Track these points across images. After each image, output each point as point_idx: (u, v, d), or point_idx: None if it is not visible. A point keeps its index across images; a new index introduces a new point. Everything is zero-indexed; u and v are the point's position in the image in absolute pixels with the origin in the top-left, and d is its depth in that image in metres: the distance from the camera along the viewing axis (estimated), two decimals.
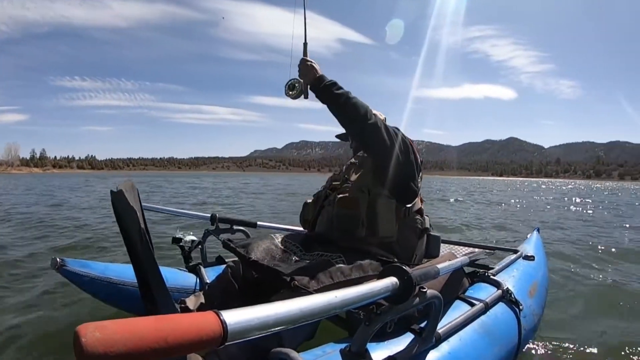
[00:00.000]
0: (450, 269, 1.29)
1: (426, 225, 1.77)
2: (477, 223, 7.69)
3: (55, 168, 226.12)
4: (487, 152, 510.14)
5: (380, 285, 0.88)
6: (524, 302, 1.74)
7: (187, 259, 2.12)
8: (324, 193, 1.83)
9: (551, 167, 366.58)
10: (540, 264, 2.34)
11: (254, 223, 2.36)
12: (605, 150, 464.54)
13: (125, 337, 0.43)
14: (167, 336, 0.45)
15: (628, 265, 3.96)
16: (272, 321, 0.58)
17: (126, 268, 1.85)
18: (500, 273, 1.95)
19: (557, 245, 5.11)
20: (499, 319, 1.57)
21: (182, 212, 2.36)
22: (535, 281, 2.07)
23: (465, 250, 2.34)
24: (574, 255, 4.42)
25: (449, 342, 1.28)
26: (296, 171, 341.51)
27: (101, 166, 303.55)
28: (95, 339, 0.41)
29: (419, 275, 0.97)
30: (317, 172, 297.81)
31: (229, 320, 0.52)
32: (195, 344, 0.48)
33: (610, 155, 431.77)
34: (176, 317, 0.50)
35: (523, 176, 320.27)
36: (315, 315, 0.68)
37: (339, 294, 0.75)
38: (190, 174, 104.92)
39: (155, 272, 0.82)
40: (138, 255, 0.82)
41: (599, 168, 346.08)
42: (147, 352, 0.43)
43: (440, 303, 1.13)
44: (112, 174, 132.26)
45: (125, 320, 0.46)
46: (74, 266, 1.68)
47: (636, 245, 5.25)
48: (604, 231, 6.82)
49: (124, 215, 0.83)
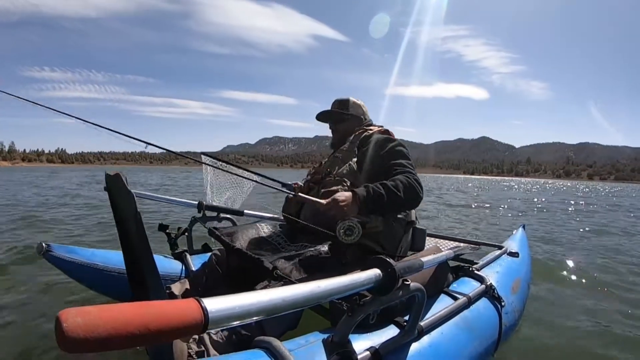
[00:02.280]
0: (434, 263, 1.31)
1: (412, 218, 1.79)
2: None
3: (25, 161, 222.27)
4: (459, 151, 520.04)
5: (363, 277, 0.89)
6: (506, 298, 1.77)
7: (173, 246, 2.12)
8: (306, 186, 1.85)
9: (522, 167, 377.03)
10: (524, 260, 2.38)
11: (241, 211, 2.36)
12: (575, 150, 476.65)
13: (107, 323, 0.43)
14: (149, 322, 0.46)
15: (612, 267, 4.04)
16: (254, 310, 0.59)
17: (113, 254, 1.85)
18: (484, 268, 1.98)
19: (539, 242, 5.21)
20: (481, 314, 1.60)
21: (169, 199, 2.36)
22: (519, 278, 2.11)
23: (450, 244, 2.37)
24: (556, 252, 4.52)
25: (430, 335, 1.30)
26: (269, 167, 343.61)
27: (72, 160, 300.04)
28: (77, 325, 0.41)
29: (402, 268, 0.99)
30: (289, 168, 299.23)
31: (210, 308, 0.53)
32: (176, 331, 0.48)
33: (580, 156, 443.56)
34: (158, 303, 0.50)
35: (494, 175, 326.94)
36: (297, 305, 0.69)
37: (322, 284, 0.76)
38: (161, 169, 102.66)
39: (150, 258, 0.82)
40: (131, 240, 0.82)
41: (569, 168, 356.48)
42: (129, 338, 0.44)
43: (423, 296, 1.15)
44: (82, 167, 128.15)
45: (107, 306, 0.46)
46: (59, 252, 1.68)
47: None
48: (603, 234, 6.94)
49: (119, 199, 0.83)
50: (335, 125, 2.02)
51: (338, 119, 2.00)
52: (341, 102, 2.01)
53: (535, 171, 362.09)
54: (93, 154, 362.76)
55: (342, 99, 2.02)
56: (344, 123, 1.99)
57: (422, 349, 1.24)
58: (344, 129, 1.99)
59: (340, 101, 2.02)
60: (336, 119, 2.01)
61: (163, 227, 2.09)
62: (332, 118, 2.02)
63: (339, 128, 2.01)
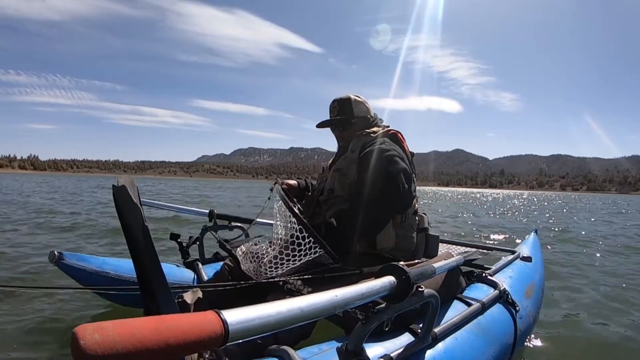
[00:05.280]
0: (446, 268, 1.29)
1: (425, 225, 1.76)
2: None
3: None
4: (433, 163, 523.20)
5: (378, 284, 0.88)
6: (520, 303, 1.75)
7: (185, 255, 2.11)
8: (310, 210, 1.73)
9: (496, 178, 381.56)
10: (537, 265, 2.35)
11: (251, 220, 2.36)
12: (547, 162, 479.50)
13: (125, 339, 0.42)
14: (168, 338, 0.45)
15: (624, 270, 3.99)
16: (273, 321, 0.58)
17: (124, 262, 1.85)
18: (497, 273, 1.96)
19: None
20: (496, 320, 1.57)
21: (181, 208, 2.36)
22: (532, 282, 2.08)
23: (462, 250, 2.34)
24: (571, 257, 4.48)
25: (445, 341, 1.29)
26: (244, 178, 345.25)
27: (44, 167, 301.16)
28: (95, 342, 0.40)
29: (416, 274, 0.97)
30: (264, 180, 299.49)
31: (230, 320, 0.52)
32: (196, 345, 0.47)
33: (552, 167, 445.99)
34: (177, 317, 0.49)
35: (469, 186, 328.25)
36: (316, 315, 0.68)
37: (339, 293, 0.75)
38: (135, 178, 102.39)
39: (157, 269, 0.82)
40: (139, 251, 0.82)
41: (542, 179, 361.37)
42: (147, 354, 0.43)
43: (437, 302, 1.13)
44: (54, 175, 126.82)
45: (124, 321, 0.45)
46: (71, 260, 1.69)
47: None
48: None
49: (126, 210, 0.83)
50: (342, 132, 1.81)
51: (344, 125, 1.80)
52: (342, 103, 1.79)
53: (509, 183, 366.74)
54: (66, 161, 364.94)
55: (342, 100, 1.80)
56: (350, 128, 1.80)
57: (437, 355, 1.22)
58: (350, 135, 1.79)
59: (342, 103, 1.79)
60: (342, 126, 1.81)
61: (174, 236, 2.08)
62: (338, 126, 1.82)
63: (347, 135, 1.80)
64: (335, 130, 1.85)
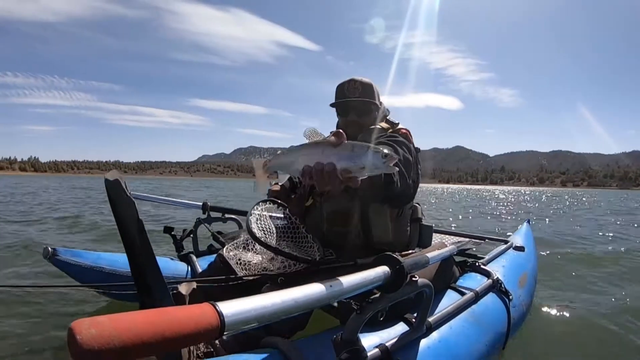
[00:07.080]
0: (439, 258, 1.30)
1: (418, 215, 1.77)
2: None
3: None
4: (434, 160, 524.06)
5: (372, 274, 0.88)
6: (513, 292, 1.77)
7: (179, 248, 2.11)
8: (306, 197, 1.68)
9: (496, 175, 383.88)
10: (530, 254, 2.38)
11: (245, 212, 2.36)
12: (547, 158, 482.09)
13: (122, 333, 0.42)
14: (164, 330, 0.45)
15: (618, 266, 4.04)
16: (268, 312, 0.59)
17: (118, 257, 1.84)
18: (490, 263, 1.98)
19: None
20: (489, 309, 1.59)
21: (173, 200, 2.35)
22: (525, 272, 2.10)
23: (455, 239, 2.36)
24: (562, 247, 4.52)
25: (439, 330, 1.30)
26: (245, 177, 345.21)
27: (44, 168, 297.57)
28: (91, 336, 0.40)
29: (410, 264, 0.98)
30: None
31: (226, 312, 0.53)
32: (192, 337, 0.47)
33: (553, 163, 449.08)
34: (173, 310, 0.49)
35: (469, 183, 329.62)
36: (310, 305, 0.68)
37: (334, 284, 0.76)
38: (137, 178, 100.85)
39: (153, 262, 0.82)
40: (134, 245, 0.82)
41: (543, 175, 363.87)
42: (144, 347, 0.43)
43: (431, 292, 1.15)
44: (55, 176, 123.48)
45: (120, 315, 0.45)
46: (65, 255, 1.68)
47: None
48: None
49: (120, 204, 0.83)
50: (360, 117, 1.60)
51: (366, 109, 1.60)
52: (366, 86, 1.59)
53: (510, 179, 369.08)
54: (67, 162, 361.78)
55: (364, 82, 1.59)
56: (369, 115, 1.62)
57: (431, 344, 1.24)
58: (364, 123, 1.61)
59: (365, 85, 1.59)
60: (364, 109, 1.60)
61: (168, 229, 2.08)
62: (359, 108, 1.60)
63: (363, 122, 1.60)
64: (349, 113, 1.62)
